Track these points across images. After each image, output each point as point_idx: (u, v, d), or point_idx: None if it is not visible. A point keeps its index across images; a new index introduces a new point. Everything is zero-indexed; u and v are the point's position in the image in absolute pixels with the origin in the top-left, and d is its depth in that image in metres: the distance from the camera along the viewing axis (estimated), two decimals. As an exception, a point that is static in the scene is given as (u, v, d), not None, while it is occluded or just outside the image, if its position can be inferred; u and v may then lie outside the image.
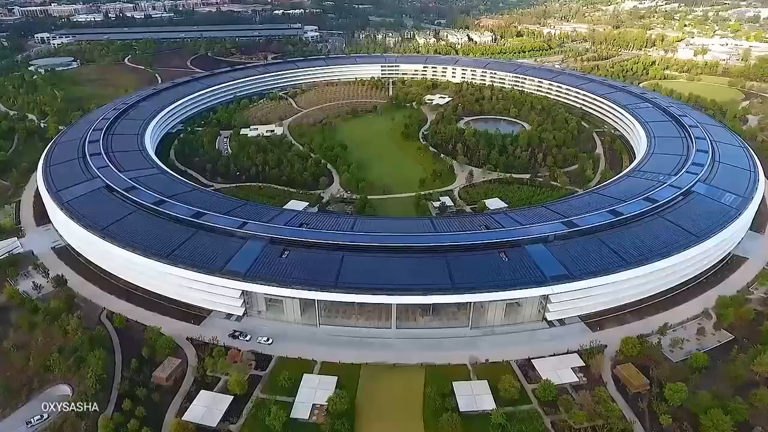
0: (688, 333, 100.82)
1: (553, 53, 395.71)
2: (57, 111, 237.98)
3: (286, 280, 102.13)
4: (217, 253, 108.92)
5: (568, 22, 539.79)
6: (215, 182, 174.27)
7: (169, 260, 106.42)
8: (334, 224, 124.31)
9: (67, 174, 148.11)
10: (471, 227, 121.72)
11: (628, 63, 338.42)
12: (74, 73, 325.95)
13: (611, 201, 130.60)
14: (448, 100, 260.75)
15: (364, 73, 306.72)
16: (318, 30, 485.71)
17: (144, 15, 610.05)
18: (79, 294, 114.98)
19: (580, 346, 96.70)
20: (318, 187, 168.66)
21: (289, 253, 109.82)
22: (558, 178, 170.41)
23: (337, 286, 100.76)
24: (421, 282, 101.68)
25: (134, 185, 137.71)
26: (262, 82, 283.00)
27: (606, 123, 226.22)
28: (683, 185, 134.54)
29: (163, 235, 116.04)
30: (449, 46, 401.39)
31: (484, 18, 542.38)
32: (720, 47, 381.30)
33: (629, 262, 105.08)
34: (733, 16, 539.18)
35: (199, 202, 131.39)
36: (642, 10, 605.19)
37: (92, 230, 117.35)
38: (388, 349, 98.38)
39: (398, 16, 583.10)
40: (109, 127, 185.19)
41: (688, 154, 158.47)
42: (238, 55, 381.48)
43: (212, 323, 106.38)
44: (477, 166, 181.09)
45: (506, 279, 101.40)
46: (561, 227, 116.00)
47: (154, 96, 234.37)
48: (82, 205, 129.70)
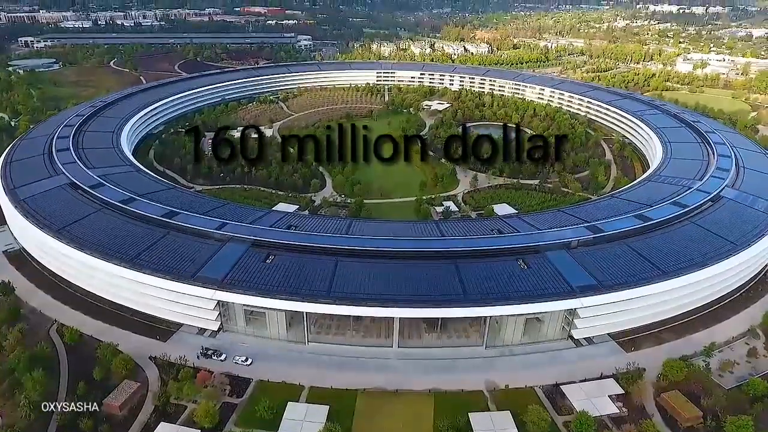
0: (736, 354, 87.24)
1: (550, 65, 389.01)
2: (31, 110, 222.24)
3: (270, 288, 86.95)
4: (189, 258, 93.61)
5: (564, 37, 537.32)
6: (196, 184, 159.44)
7: (132, 265, 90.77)
8: (326, 227, 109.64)
9: (28, 170, 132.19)
10: (482, 232, 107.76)
11: (628, 74, 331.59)
12: (54, 74, 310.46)
13: (635, 206, 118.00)
14: (447, 105, 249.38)
15: (359, 79, 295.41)
16: (312, 40, 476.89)
17: (134, 23, 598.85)
18: (28, 304, 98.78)
19: (615, 369, 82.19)
20: (309, 190, 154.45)
21: (275, 257, 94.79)
22: (569, 184, 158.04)
23: (329, 296, 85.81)
24: (428, 292, 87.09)
25: (102, 182, 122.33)
26: (252, 86, 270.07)
27: (614, 130, 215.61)
28: (711, 190, 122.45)
29: (128, 236, 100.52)
30: (446, 56, 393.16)
31: (479, 31, 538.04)
32: (718, 62, 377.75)
33: (666, 271, 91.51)
34: (726, 35, 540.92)
35: (174, 202, 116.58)
36: (635, 27, 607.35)
37: (47, 230, 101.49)
38: (390, 372, 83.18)
39: (393, 28, 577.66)
40: (82, 124, 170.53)
41: (710, 160, 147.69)
42: (228, 60, 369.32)
43: (181, 339, 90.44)
44: (481, 171, 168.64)
45: (527, 290, 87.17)
46: (585, 232, 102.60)
47: (136, 95, 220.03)
48: (39, 203, 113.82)
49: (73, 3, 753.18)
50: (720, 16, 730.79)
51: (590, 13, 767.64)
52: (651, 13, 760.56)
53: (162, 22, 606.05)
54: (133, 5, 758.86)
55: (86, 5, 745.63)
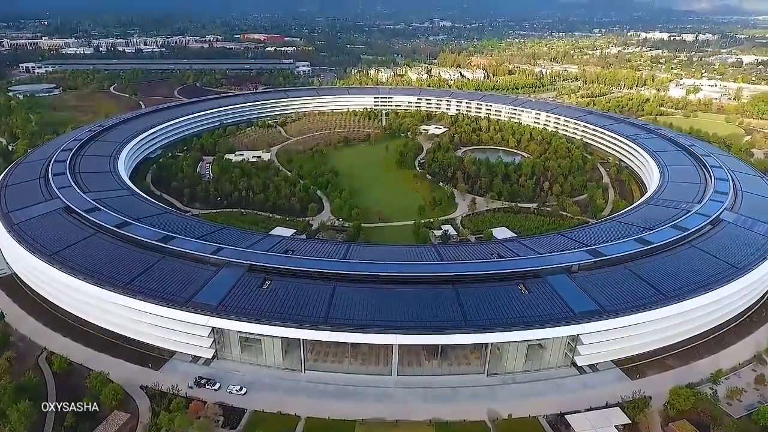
0: (743, 381, 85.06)
1: (545, 90, 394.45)
2: (29, 134, 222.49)
3: (266, 315, 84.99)
4: (184, 283, 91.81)
5: (558, 63, 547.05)
6: (193, 207, 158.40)
7: (125, 290, 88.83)
8: (324, 251, 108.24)
9: (23, 195, 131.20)
10: (481, 256, 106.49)
11: (622, 99, 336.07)
12: (54, 99, 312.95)
13: (635, 229, 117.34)
14: (444, 130, 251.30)
15: (356, 104, 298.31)
16: (310, 66, 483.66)
17: (135, 50, 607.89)
18: (18, 331, 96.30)
19: (621, 398, 79.84)
20: (306, 214, 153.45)
21: (271, 283, 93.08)
22: (567, 208, 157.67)
23: (327, 322, 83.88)
24: (428, 318, 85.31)
25: (97, 206, 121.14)
26: (250, 110, 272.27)
27: (610, 154, 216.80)
28: (711, 213, 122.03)
29: (122, 261, 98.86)
30: (442, 82, 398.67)
31: (474, 57, 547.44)
32: (710, 87, 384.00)
33: (669, 296, 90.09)
34: (716, 62, 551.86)
35: (170, 226, 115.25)
36: (627, 54, 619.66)
37: (39, 255, 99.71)
38: (389, 402, 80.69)
39: (390, 55, 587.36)
40: (80, 148, 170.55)
41: (707, 183, 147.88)
42: (227, 85, 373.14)
43: (174, 368, 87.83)
44: (479, 195, 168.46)
45: (529, 315, 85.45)
46: (585, 256, 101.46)
47: (135, 120, 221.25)
48: (33, 227, 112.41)
49: (76, 30, 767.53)
50: (710, 43, 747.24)
51: (583, 40, 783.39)
52: (642, 40, 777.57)
53: (163, 49, 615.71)
54: (135, 33, 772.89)
55: (88, 33, 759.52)
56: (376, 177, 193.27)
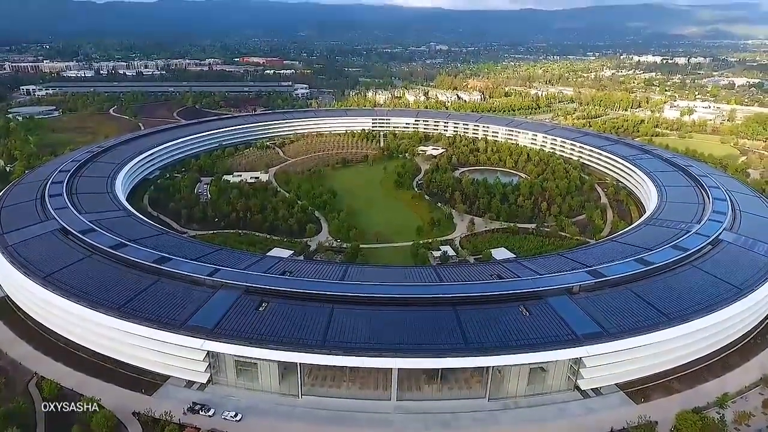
0: (751, 405, 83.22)
1: (542, 112, 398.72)
2: (27, 155, 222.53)
3: (263, 338, 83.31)
4: (179, 305, 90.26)
5: (553, 85, 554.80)
6: (190, 229, 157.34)
7: (119, 313, 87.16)
8: (322, 272, 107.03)
9: (19, 216, 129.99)
10: (481, 277, 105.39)
11: (618, 120, 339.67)
12: (53, 121, 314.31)
13: (635, 249, 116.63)
14: (442, 151, 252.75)
15: (354, 125, 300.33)
16: (308, 88, 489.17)
17: (136, 72, 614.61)
18: (8, 355, 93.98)
19: (626, 423, 77.82)
20: (304, 234, 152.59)
21: (268, 305, 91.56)
22: (566, 228, 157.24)
23: (324, 345, 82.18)
24: (428, 341, 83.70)
25: (93, 228, 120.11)
26: (249, 132, 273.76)
27: (607, 174, 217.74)
28: (710, 233, 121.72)
29: (117, 283, 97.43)
30: (439, 104, 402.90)
31: (471, 80, 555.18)
32: (704, 109, 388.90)
33: (672, 317, 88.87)
34: (709, 84, 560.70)
35: (166, 247, 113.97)
36: (621, 77, 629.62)
37: (33, 277, 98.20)
38: (388, 428, 78.54)
39: (387, 78, 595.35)
40: (77, 169, 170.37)
41: (705, 203, 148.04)
42: (226, 108, 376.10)
43: (168, 393, 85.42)
44: (477, 215, 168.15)
45: (531, 338, 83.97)
46: (586, 277, 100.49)
47: (134, 141, 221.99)
48: (28, 249, 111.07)
49: (77, 54, 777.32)
50: (702, 66, 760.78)
51: (577, 63, 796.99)
52: (636, 63, 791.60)
53: (163, 72, 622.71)
54: (136, 56, 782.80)
55: (89, 56, 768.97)
56: (375, 198, 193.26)
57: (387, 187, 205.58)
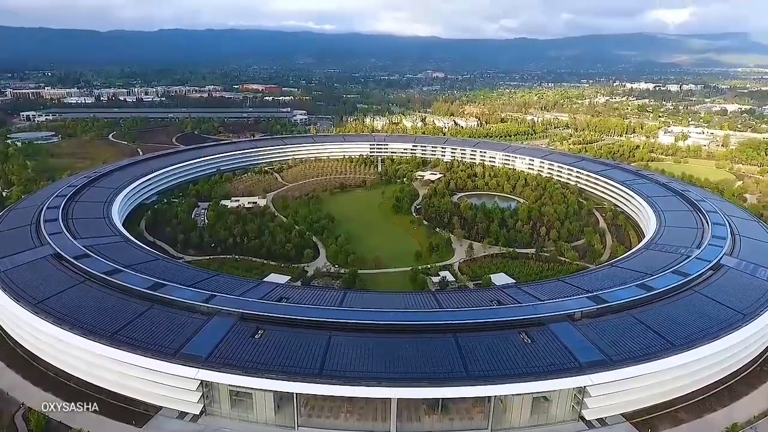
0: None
1: (538, 137, 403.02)
2: (25, 180, 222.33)
3: (258, 366, 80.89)
4: (173, 333, 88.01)
5: (548, 111, 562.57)
6: (186, 254, 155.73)
7: (110, 341, 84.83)
8: (319, 299, 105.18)
9: (12, 241, 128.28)
10: (481, 303, 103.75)
11: (614, 146, 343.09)
12: (52, 146, 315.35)
13: (635, 275, 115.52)
14: (440, 175, 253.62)
15: (352, 151, 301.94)
16: (307, 114, 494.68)
17: (136, 99, 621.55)
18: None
19: (635, 456, 75.33)
20: (302, 260, 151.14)
21: (264, 332, 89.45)
22: (566, 253, 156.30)
23: (322, 374, 79.85)
24: (428, 369, 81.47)
25: (87, 253, 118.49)
26: (247, 157, 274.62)
27: (605, 199, 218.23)
28: (711, 258, 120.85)
29: (110, 310, 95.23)
30: (437, 130, 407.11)
31: (467, 106, 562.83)
32: (698, 134, 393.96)
33: (677, 344, 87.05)
34: (702, 110, 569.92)
35: (161, 273, 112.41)
36: (615, 103, 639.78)
37: (22, 303, 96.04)
38: (387, 461, 75.61)
39: (385, 104, 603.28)
40: (74, 194, 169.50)
41: (704, 228, 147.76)
42: (225, 133, 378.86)
43: (159, 425, 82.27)
44: (476, 240, 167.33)
45: (534, 366, 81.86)
46: (588, 303, 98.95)
47: (132, 166, 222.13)
48: (20, 275, 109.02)
49: (79, 81, 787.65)
50: (693, 92, 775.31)
51: (572, 90, 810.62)
52: (629, 90, 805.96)
53: (163, 98, 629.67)
54: (137, 83, 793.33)
55: (91, 83, 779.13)
56: (373, 222, 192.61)
57: (385, 211, 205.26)
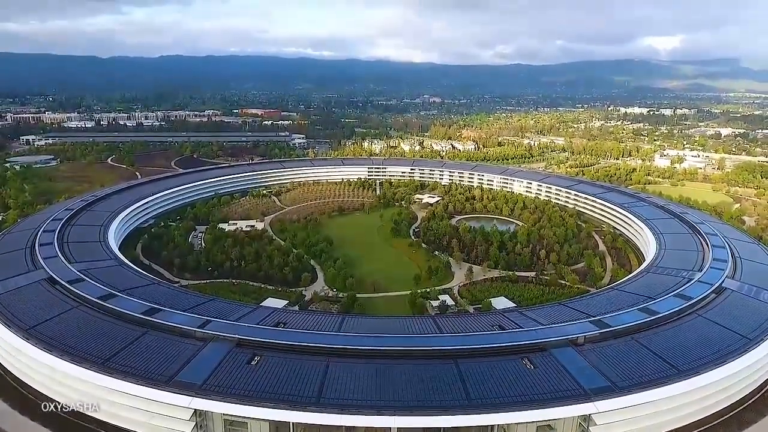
0: (773, 466, 78.16)
1: (535, 161, 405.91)
2: (21, 204, 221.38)
3: (254, 394, 78.44)
4: (167, 360, 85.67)
5: (545, 135, 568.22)
6: (183, 278, 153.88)
7: (101, 368, 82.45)
8: (317, 324, 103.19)
9: (6, 266, 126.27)
10: (482, 327, 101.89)
11: (611, 169, 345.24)
12: (50, 170, 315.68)
13: (637, 298, 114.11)
14: (438, 198, 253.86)
15: (350, 174, 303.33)
16: (305, 138, 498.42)
17: (136, 123, 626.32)
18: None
19: (644, 488, 72.59)
20: (300, 284, 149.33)
21: (260, 358, 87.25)
22: (566, 276, 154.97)
23: (319, 403, 77.41)
24: (429, 397, 79.13)
25: (82, 277, 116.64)
26: (245, 180, 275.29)
27: (603, 222, 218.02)
28: (713, 281, 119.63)
29: (102, 336, 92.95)
30: (434, 153, 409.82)
31: (465, 130, 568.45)
32: (693, 158, 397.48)
33: (683, 370, 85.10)
34: (696, 134, 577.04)
35: (156, 297, 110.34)
36: (610, 127, 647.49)
37: (13, 329, 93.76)
38: (387, 495, 72.60)
39: (383, 128, 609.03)
40: (71, 218, 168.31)
41: (704, 251, 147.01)
42: (224, 157, 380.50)
43: (150, 456, 79.58)
44: (476, 263, 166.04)
45: (537, 393, 79.64)
46: (590, 327, 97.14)
47: (130, 190, 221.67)
48: (12, 299, 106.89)
49: (79, 106, 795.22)
50: (687, 116, 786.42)
51: (567, 114, 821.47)
52: (623, 114, 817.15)
53: (163, 123, 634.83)
54: (137, 107, 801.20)
55: (91, 108, 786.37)
56: (371, 246, 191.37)
57: (384, 235, 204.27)
